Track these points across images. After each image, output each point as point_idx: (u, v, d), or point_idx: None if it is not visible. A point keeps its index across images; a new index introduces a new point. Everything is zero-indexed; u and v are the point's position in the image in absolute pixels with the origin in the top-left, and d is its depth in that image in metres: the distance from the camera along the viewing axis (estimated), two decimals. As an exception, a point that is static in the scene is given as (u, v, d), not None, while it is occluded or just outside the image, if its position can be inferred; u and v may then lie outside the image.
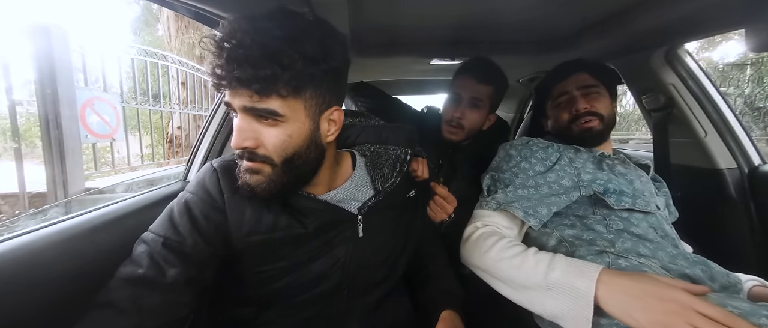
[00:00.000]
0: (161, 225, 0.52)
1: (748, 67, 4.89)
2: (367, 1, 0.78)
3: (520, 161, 0.79)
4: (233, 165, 0.54)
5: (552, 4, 0.81)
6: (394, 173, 0.65)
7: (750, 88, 4.81)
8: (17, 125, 2.29)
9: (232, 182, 0.54)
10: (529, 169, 0.77)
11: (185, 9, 0.73)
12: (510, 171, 0.79)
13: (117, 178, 3.06)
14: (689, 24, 0.83)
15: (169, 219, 0.52)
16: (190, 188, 0.56)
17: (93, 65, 2.77)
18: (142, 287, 0.46)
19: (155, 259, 0.48)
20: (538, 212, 0.70)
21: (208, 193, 0.54)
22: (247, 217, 0.54)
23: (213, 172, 0.56)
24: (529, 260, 0.58)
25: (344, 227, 0.60)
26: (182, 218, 0.52)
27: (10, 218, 2.50)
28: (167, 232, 0.51)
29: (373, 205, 0.62)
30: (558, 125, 0.86)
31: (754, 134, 2.40)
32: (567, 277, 0.52)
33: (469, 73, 0.99)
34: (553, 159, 0.79)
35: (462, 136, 1.02)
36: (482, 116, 1.02)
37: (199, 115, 4.23)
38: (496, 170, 0.83)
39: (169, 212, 0.54)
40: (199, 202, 0.54)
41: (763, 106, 4.64)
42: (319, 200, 0.58)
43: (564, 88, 0.84)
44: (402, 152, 0.67)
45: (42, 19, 2.25)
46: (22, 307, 0.45)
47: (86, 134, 2.55)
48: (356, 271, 0.60)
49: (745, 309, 0.46)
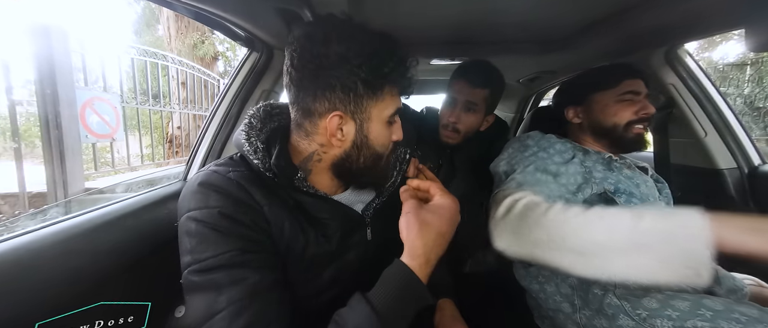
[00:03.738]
0: (210, 245, 0.44)
1: (748, 67, 4.89)
2: (367, 1, 0.78)
3: (538, 151, 0.77)
4: (250, 176, 0.51)
5: (552, 4, 0.81)
6: (394, 172, 0.65)
7: (750, 88, 4.82)
8: (17, 125, 2.28)
9: (262, 193, 0.50)
10: (547, 158, 0.75)
11: (185, 9, 0.73)
12: (527, 159, 0.76)
13: (117, 178, 3.06)
14: (689, 24, 0.83)
15: (215, 236, 0.45)
16: (210, 202, 0.47)
17: (93, 65, 2.77)
18: (259, 294, 0.43)
19: (236, 276, 0.43)
20: (555, 198, 0.67)
21: (243, 202, 0.48)
22: (285, 231, 0.51)
23: (238, 185, 0.49)
24: (605, 216, 0.49)
25: (356, 229, 0.60)
26: (233, 224, 0.46)
27: (10, 218, 2.50)
28: (227, 246, 0.44)
29: (377, 206, 0.62)
30: (609, 121, 0.79)
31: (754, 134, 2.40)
32: (665, 222, 0.45)
33: (464, 77, 0.99)
34: (569, 154, 0.76)
35: (459, 139, 1.03)
36: (478, 119, 1.02)
37: (199, 115, 4.23)
38: (510, 157, 0.79)
39: (204, 233, 0.45)
40: (238, 209, 0.47)
41: (762, 106, 4.64)
42: (334, 201, 0.57)
43: (635, 86, 0.79)
44: (401, 152, 0.67)
45: (42, 19, 2.25)
46: (22, 307, 0.45)
47: (86, 134, 2.54)
48: (363, 274, 0.59)
49: (754, 315, 0.46)
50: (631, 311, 0.57)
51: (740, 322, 0.47)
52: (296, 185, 0.53)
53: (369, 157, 0.54)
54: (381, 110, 0.52)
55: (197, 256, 0.44)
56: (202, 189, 0.48)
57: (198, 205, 0.47)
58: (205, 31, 5.27)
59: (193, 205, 0.47)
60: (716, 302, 0.52)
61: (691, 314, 0.51)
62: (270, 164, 0.51)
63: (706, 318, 0.50)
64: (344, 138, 0.52)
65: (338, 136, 0.51)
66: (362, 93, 0.49)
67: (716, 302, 0.52)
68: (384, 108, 0.52)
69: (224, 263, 0.43)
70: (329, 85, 0.48)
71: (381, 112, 0.52)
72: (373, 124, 0.52)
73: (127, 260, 0.62)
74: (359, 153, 0.54)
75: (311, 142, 0.53)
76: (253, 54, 1.01)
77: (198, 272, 0.44)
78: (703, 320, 0.50)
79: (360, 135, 0.52)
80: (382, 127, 0.53)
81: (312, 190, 0.54)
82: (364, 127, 0.52)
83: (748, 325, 0.46)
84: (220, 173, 0.50)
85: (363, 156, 0.54)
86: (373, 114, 0.52)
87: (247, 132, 0.54)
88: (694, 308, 0.52)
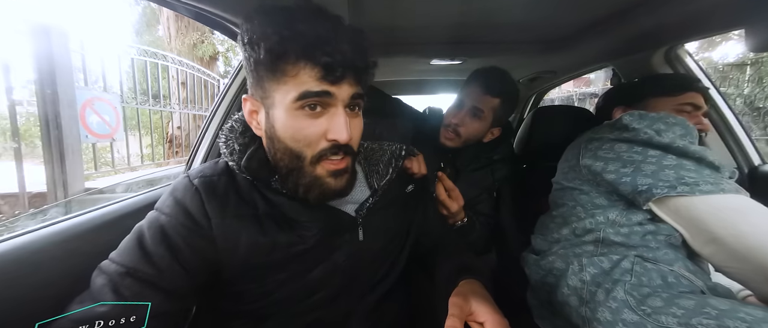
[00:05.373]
0: (128, 253, 0.44)
1: (748, 67, 4.90)
2: (367, 1, 0.78)
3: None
4: (218, 182, 0.50)
5: (552, 4, 0.81)
6: (389, 168, 0.63)
7: (750, 88, 4.82)
8: (17, 125, 2.29)
9: (220, 203, 0.48)
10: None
11: (185, 9, 0.73)
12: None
13: (117, 178, 3.07)
14: (689, 24, 0.83)
15: (138, 247, 0.44)
16: (164, 208, 0.48)
17: (93, 65, 2.77)
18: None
19: (121, 293, 0.41)
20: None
21: (189, 217, 0.47)
22: (242, 243, 0.48)
23: (194, 192, 0.48)
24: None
25: (344, 231, 0.57)
26: (158, 246, 0.44)
27: (10, 218, 2.50)
28: (136, 262, 0.43)
29: (371, 205, 0.60)
30: None
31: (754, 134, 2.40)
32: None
33: (476, 81, 0.96)
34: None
35: (458, 143, 0.99)
36: (482, 127, 0.98)
37: (199, 115, 4.23)
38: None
39: (138, 238, 0.45)
40: (178, 227, 0.46)
41: (762, 106, 4.64)
42: (318, 205, 0.54)
43: (696, 99, 0.79)
44: (397, 148, 0.65)
45: (42, 19, 2.25)
46: (22, 307, 0.45)
47: (86, 134, 2.55)
48: (356, 274, 0.58)
49: (759, 316, 0.46)
50: (635, 307, 0.57)
51: (746, 321, 0.47)
52: (274, 187, 0.51)
53: (284, 154, 0.48)
54: (284, 95, 0.44)
55: (115, 256, 0.45)
56: (170, 194, 0.50)
57: (159, 206, 0.49)
58: (205, 31, 5.28)
59: (158, 203, 0.50)
60: (722, 302, 0.52)
61: (696, 312, 0.51)
62: (241, 166, 0.50)
63: (711, 316, 0.50)
64: (260, 126, 0.50)
65: (254, 125, 0.50)
66: (262, 74, 0.45)
67: (722, 302, 0.52)
68: (286, 92, 0.44)
69: (110, 272, 0.43)
70: (246, 69, 0.47)
71: (284, 98, 0.44)
72: (277, 110, 0.46)
73: (127, 260, 0.62)
74: (273, 147, 0.49)
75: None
76: (253, 54, 1.01)
77: (101, 271, 0.44)
78: (708, 318, 0.50)
79: (268, 124, 0.48)
80: (289, 117, 0.45)
81: (291, 192, 0.51)
82: (270, 114, 0.47)
83: (754, 325, 0.46)
84: (190, 178, 0.50)
85: (278, 151, 0.48)
86: (276, 99, 0.45)
87: (226, 135, 0.53)
88: (699, 307, 0.52)
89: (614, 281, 0.62)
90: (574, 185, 0.78)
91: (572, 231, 0.74)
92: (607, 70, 1.29)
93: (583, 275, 0.68)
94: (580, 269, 0.68)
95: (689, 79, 0.83)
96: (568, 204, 0.78)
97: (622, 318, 0.58)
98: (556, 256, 0.75)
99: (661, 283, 0.60)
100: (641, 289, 0.60)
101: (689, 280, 0.61)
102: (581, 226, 0.72)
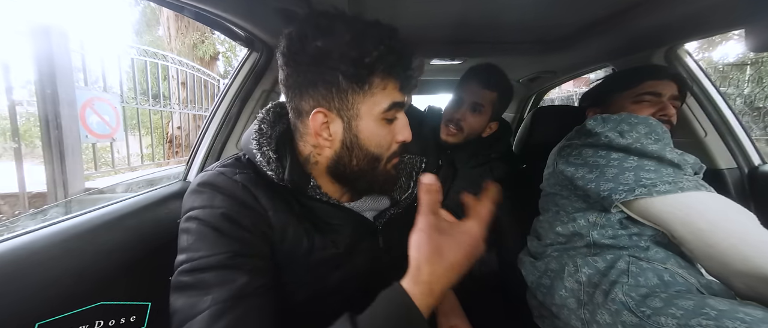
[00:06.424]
0: (206, 245, 0.44)
1: (748, 67, 4.90)
2: (367, 1, 0.78)
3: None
4: (257, 179, 0.51)
5: (552, 4, 0.81)
6: (411, 182, 0.64)
7: (750, 88, 4.82)
8: (17, 125, 2.29)
9: (266, 195, 0.49)
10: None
11: (185, 9, 0.73)
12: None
13: (117, 178, 3.07)
14: (689, 24, 0.83)
15: (214, 236, 0.44)
16: (216, 202, 0.47)
17: (93, 65, 2.77)
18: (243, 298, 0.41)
19: (230, 275, 0.42)
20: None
21: (246, 205, 0.48)
22: (288, 236, 0.50)
23: (242, 186, 0.49)
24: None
25: (367, 236, 0.59)
26: (234, 227, 0.45)
27: (10, 218, 2.50)
28: (223, 247, 0.43)
29: (392, 216, 0.61)
30: None
31: (754, 134, 2.40)
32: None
33: (474, 77, 1.00)
34: None
35: (460, 138, 1.02)
36: (482, 121, 1.01)
37: (199, 115, 4.23)
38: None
39: (203, 232, 0.44)
40: (241, 212, 0.47)
41: (762, 106, 4.65)
42: (345, 208, 0.56)
43: (656, 87, 0.77)
44: (418, 161, 0.67)
45: (42, 19, 2.25)
46: (22, 307, 0.45)
47: (86, 134, 2.55)
48: (376, 282, 0.59)
49: (758, 316, 0.46)
50: (635, 308, 0.57)
51: (745, 322, 0.46)
52: (309, 194, 0.52)
53: (363, 159, 0.51)
54: (371, 106, 0.48)
55: (191, 254, 0.43)
56: (208, 189, 0.48)
57: (202, 204, 0.47)
58: (205, 31, 5.27)
59: (197, 204, 0.47)
60: (721, 302, 0.52)
61: (695, 313, 0.51)
62: (284, 177, 0.50)
63: (710, 317, 0.49)
64: (332, 138, 0.50)
65: (325, 136, 0.49)
66: (345, 87, 0.46)
67: (721, 302, 0.52)
68: (375, 104, 0.48)
69: (216, 263, 0.42)
70: (312, 82, 0.46)
71: (372, 109, 0.48)
72: (364, 121, 0.49)
73: (127, 260, 0.62)
74: (351, 154, 0.51)
75: (306, 144, 0.52)
76: (253, 54, 1.01)
77: (189, 271, 0.43)
78: (707, 318, 0.49)
79: (349, 134, 0.49)
80: (376, 126, 0.49)
81: (325, 198, 0.53)
82: (353, 125, 0.49)
83: (753, 325, 0.46)
84: (226, 175, 0.49)
85: (356, 158, 0.51)
86: (362, 111, 0.48)
87: (259, 141, 0.52)
88: (698, 307, 0.52)
89: (612, 283, 0.62)
90: (555, 190, 0.79)
91: (560, 235, 0.75)
92: (607, 70, 1.29)
93: (578, 275, 0.68)
94: (576, 270, 0.68)
95: (645, 69, 0.82)
96: (552, 209, 0.80)
97: (622, 320, 0.57)
98: (550, 258, 0.76)
99: (658, 282, 0.61)
100: (639, 289, 0.60)
101: (684, 277, 0.61)
102: (566, 230, 0.73)
